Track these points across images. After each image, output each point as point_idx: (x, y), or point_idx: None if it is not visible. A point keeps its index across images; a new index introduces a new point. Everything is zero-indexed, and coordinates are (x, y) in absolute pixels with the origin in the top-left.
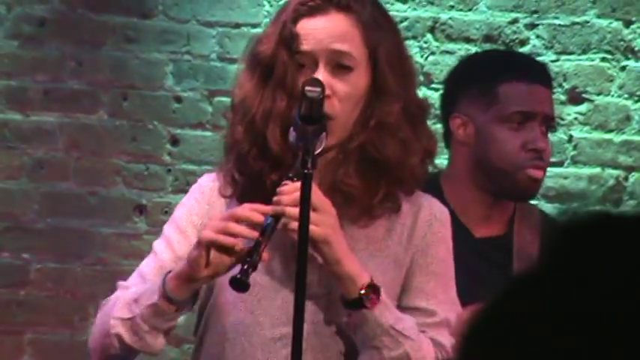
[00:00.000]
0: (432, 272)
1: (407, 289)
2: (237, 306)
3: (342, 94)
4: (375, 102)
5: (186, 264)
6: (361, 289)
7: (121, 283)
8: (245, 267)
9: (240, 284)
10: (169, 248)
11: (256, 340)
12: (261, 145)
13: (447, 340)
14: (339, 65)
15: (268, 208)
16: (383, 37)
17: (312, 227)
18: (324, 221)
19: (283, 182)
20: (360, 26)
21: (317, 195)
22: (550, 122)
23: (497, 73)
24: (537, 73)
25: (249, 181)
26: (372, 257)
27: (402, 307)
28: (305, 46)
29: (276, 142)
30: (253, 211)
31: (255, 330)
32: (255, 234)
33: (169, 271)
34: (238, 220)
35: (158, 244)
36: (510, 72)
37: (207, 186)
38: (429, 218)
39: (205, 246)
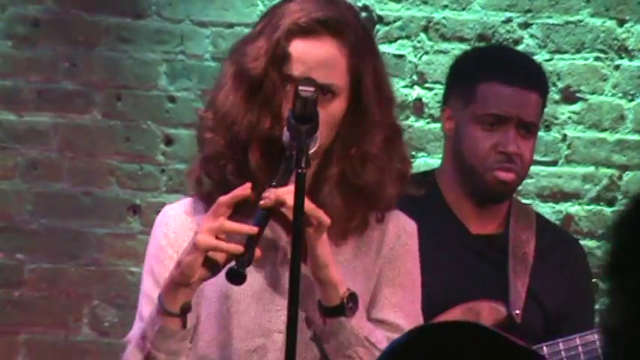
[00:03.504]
0: (398, 285)
1: (374, 301)
2: (210, 320)
3: (320, 120)
4: (356, 130)
5: (177, 271)
6: (343, 297)
7: (127, 339)
8: (241, 259)
9: (236, 275)
10: (158, 286)
11: (232, 352)
12: (240, 161)
13: None
14: (322, 92)
15: (248, 185)
16: (368, 63)
17: (317, 211)
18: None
19: (266, 188)
20: (348, 53)
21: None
22: (530, 128)
23: (478, 72)
24: (521, 76)
25: (217, 186)
26: (341, 269)
27: (369, 319)
28: (294, 72)
29: (255, 162)
30: (236, 190)
31: (230, 343)
32: (250, 228)
33: (160, 292)
34: (228, 205)
35: (146, 284)
36: (491, 72)
37: (170, 216)
38: (397, 231)
39: (203, 250)
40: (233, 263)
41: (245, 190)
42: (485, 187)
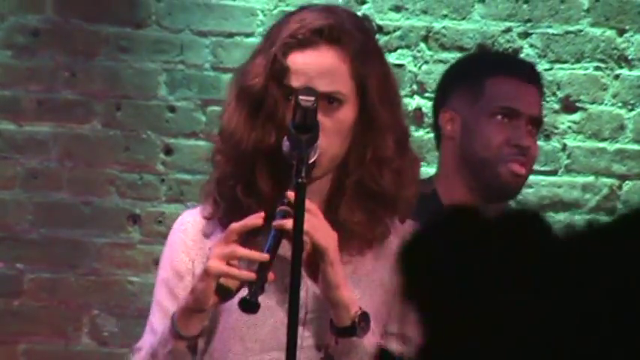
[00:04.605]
0: None
1: (390, 315)
2: (227, 331)
3: (329, 129)
4: (368, 135)
5: (190, 297)
6: (354, 318)
7: (135, 347)
8: (253, 288)
9: (249, 305)
10: (172, 296)
11: None
12: (248, 181)
13: None
14: (328, 100)
15: (261, 214)
16: (371, 68)
17: (316, 235)
18: (326, 233)
19: (279, 209)
20: (349, 59)
21: (318, 215)
22: (537, 124)
23: (485, 68)
24: (526, 72)
25: (231, 207)
26: (359, 282)
27: (386, 333)
28: (295, 83)
29: (263, 179)
30: (248, 219)
31: (245, 355)
32: (261, 255)
33: (174, 313)
34: (239, 233)
35: (160, 294)
36: (498, 67)
37: (188, 222)
38: None
39: (214, 277)
40: (246, 293)
41: (257, 219)
42: (497, 180)
